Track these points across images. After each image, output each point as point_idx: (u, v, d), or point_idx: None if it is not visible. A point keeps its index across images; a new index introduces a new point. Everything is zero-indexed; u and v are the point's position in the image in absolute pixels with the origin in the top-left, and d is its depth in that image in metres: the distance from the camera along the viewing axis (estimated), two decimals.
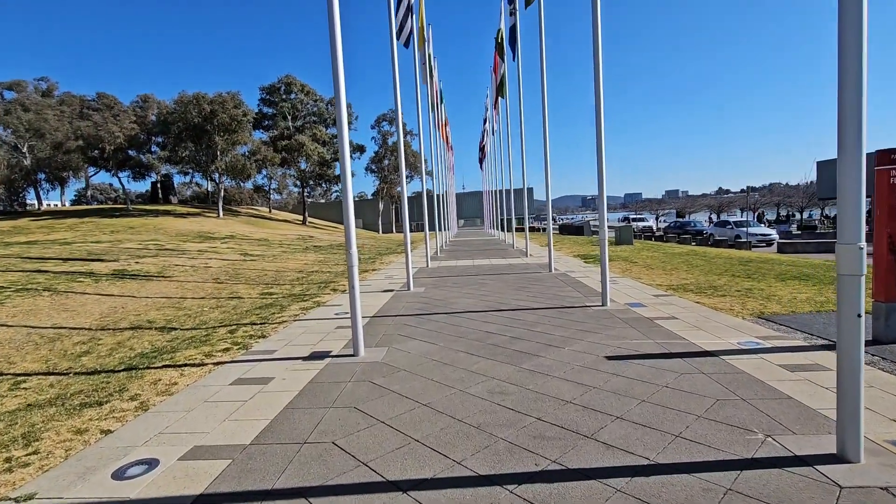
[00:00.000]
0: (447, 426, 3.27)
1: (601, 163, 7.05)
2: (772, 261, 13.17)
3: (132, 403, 3.97)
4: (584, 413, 3.38)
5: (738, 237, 22.77)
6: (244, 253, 18.55)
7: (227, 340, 6.02)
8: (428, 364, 4.69)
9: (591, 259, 14.54)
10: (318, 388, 4.13)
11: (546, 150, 11.51)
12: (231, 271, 13.32)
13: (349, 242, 4.99)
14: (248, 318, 7.45)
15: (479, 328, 6.11)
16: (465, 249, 21.97)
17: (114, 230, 26.36)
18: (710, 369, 4.19)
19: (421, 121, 14.88)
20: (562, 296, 8.35)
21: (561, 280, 10.32)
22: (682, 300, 7.50)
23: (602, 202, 7.23)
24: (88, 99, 42.41)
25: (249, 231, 30.50)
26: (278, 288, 10.80)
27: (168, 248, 18.42)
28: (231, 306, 8.62)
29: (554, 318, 6.56)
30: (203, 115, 32.65)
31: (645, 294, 8.19)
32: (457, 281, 10.86)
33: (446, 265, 14.77)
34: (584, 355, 4.75)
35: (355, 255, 5.01)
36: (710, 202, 62.04)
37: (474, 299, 8.33)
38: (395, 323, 6.66)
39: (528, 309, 7.25)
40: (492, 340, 5.47)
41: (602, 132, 7.02)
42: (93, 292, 9.44)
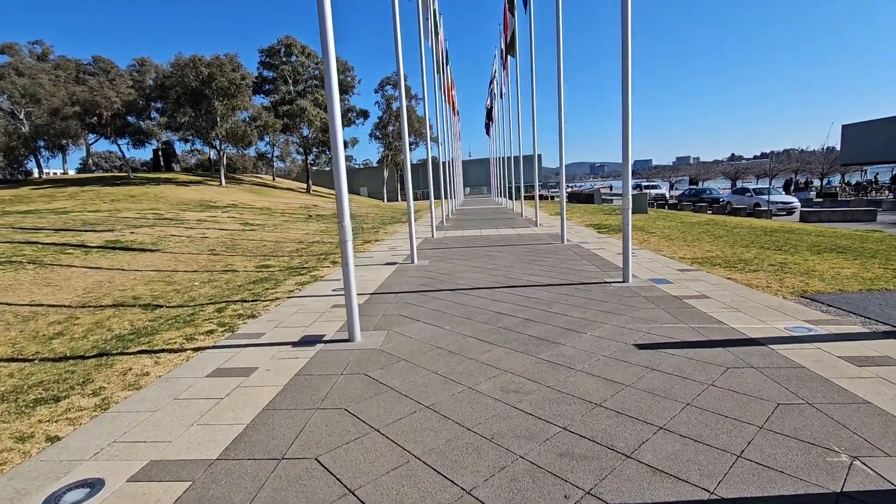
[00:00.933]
0: (454, 437, 2.73)
1: (627, 124, 6.28)
2: (799, 231, 12.40)
3: (93, 400, 3.46)
4: (619, 421, 2.81)
5: (757, 205, 21.79)
6: (244, 222, 17.99)
7: (214, 321, 5.50)
8: (432, 352, 4.13)
9: (605, 229, 13.83)
10: (305, 383, 3.59)
11: (560, 111, 10.64)
12: (228, 242, 12.78)
13: (341, 215, 4.36)
14: (240, 295, 6.93)
15: (489, 308, 5.53)
16: (471, 219, 21.28)
17: (114, 199, 25.87)
18: (761, 362, 3.59)
19: (426, 83, 13.92)
20: (577, 270, 7.73)
21: (574, 252, 9.68)
22: (711, 276, 6.85)
23: (627, 168, 6.50)
24: (84, 63, 41.14)
25: (252, 200, 29.90)
26: (276, 260, 10.26)
27: (166, 218, 17.90)
28: (224, 281, 8.09)
29: (571, 296, 5.96)
30: (201, 78, 31.50)
31: (668, 268, 7.55)
32: (464, 253, 10.25)
33: (452, 235, 14.14)
34: (610, 343, 4.16)
35: (349, 228, 4.39)
36: (726, 169, 59.94)
37: (482, 274, 7.73)
38: (396, 301, 6.09)
39: (542, 285, 6.65)
40: (503, 323, 4.90)
41: (629, 92, 6.22)
42: (80, 265, 8.95)
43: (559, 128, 10.80)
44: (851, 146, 31.03)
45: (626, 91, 6.21)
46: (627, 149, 6.36)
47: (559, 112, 10.70)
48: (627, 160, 6.42)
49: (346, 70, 43.31)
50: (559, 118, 10.72)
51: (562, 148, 10.91)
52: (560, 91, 10.55)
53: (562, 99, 10.58)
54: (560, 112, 10.68)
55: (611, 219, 17.28)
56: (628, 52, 6.15)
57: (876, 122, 29.06)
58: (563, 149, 10.89)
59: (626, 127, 6.28)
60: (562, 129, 10.77)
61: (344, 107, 44.23)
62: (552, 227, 15.14)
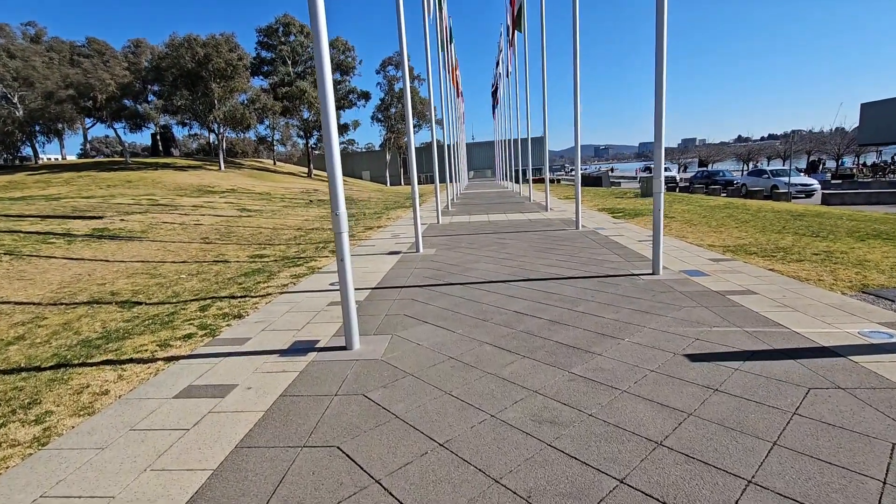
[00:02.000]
0: (479, 496, 2.09)
1: (661, 96, 5.53)
2: (827, 214, 11.63)
3: (33, 430, 2.85)
4: (692, 470, 2.17)
5: (775, 188, 20.90)
6: (242, 208, 17.33)
7: (195, 322, 4.87)
8: (443, 365, 3.49)
9: (620, 214, 13.09)
10: (290, 407, 2.96)
11: (576, 84, 9.83)
12: (223, 229, 12.14)
13: (335, 203, 3.68)
14: (229, 289, 6.29)
15: (506, 306, 4.88)
16: (477, 203, 20.53)
17: (110, 184, 25.26)
18: (848, 381, 2.93)
19: (430, 60, 13.05)
20: (598, 260, 7.04)
21: (592, 239, 8.98)
22: (750, 266, 6.16)
23: (660, 147, 5.75)
24: (78, 45, 40.16)
25: (251, 184, 29.20)
26: (271, 249, 9.62)
27: (161, 204, 17.26)
28: (213, 273, 7.46)
29: (597, 291, 5.29)
30: (196, 59, 30.52)
31: (700, 258, 6.85)
32: (472, 241, 9.57)
33: (459, 221, 13.44)
34: (656, 352, 3.50)
35: (344, 218, 3.71)
36: (738, 150, 58.30)
37: (495, 264, 7.06)
38: (400, 298, 5.44)
39: (562, 278, 5.98)
40: (524, 325, 4.24)
41: (664, 61, 5.46)
42: (61, 256, 8.33)
43: (574, 105, 9.99)
44: (871, 125, 29.89)
45: (661, 65, 5.44)
46: (661, 125, 5.62)
47: (575, 87, 9.89)
48: (661, 136, 5.68)
49: (346, 50, 42.10)
50: (575, 93, 9.92)
51: (577, 125, 10.12)
52: (576, 62, 9.72)
53: (577, 71, 9.75)
54: (576, 86, 9.86)
55: (624, 202, 16.51)
56: (664, 22, 5.36)
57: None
58: (578, 126, 10.10)
59: (659, 104, 5.53)
60: (577, 105, 9.97)
61: (345, 88, 43.14)
62: (563, 212, 14.41)
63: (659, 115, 5.59)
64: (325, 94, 3.53)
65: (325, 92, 3.54)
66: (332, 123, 3.60)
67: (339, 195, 3.66)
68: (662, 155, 5.80)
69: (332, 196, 3.66)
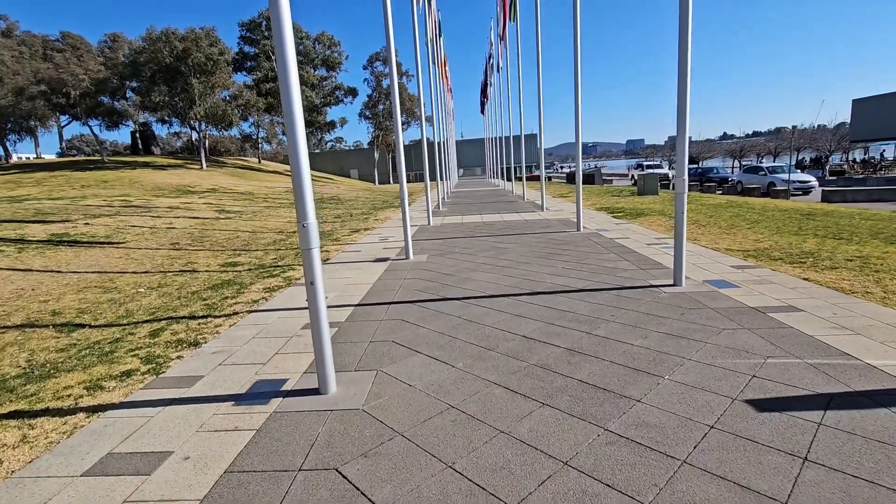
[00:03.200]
0: None
1: (685, 91, 4.82)
2: (835, 213, 11.09)
3: None
4: None
5: (772, 185, 20.45)
6: (221, 209, 16.38)
7: (141, 352, 4.06)
8: (441, 419, 2.73)
9: (620, 213, 12.44)
10: (236, 494, 2.19)
11: (577, 72, 9.12)
12: (196, 234, 11.24)
13: (303, 212, 2.90)
14: (190, 307, 5.47)
15: (513, 328, 4.14)
16: (469, 202, 19.80)
17: (84, 185, 24.08)
18: None
19: (419, 55, 12.26)
20: (608, 268, 6.34)
21: (596, 243, 8.28)
22: (780, 275, 5.49)
23: (683, 142, 5.04)
24: (52, 39, 38.67)
25: (234, 184, 28.16)
26: (247, 256, 8.78)
27: (134, 206, 16.25)
28: (177, 285, 6.62)
29: (615, 307, 4.58)
30: (175, 54, 29.30)
31: (720, 264, 6.18)
32: (467, 245, 8.82)
33: (451, 222, 12.68)
34: (708, 397, 2.78)
35: (314, 230, 2.93)
36: (730, 147, 58.18)
37: (494, 273, 6.33)
38: (388, 318, 4.67)
39: (573, 291, 5.26)
40: (538, 356, 3.51)
41: (688, 55, 4.76)
42: (6, 266, 7.42)
43: (575, 98, 9.29)
44: (863, 121, 29.71)
45: (686, 58, 4.74)
46: (685, 120, 4.91)
47: (575, 79, 9.18)
48: (685, 132, 4.97)
49: (332, 45, 41.06)
50: (575, 86, 9.21)
51: (577, 119, 9.42)
52: (576, 51, 9.01)
53: (578, 60, 9.04)
54: (576, 77, 9.15)
55: (623, 201, 15.88)
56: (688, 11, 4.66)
57: (891, 96, 27.70)
58: (578, 119, 9.40)
59: (683, 99, 4.83)
60: (578, 98, 9.27)
61: (331, 84, 42.09)
62: (560, 212, 13.74)
63: (682, 111, 4.89)
64: (288, 79, 2.75)
65: (287, 76, 2.76)
66: (297, 113, 2.82)
67: (306, 202, 2.88)
68: (686, 152, 5.09)
69: (299, 203, 2.88)
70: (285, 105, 2.80)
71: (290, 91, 2.77)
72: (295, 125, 2.80)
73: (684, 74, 4.82)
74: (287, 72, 2.76)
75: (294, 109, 2.80)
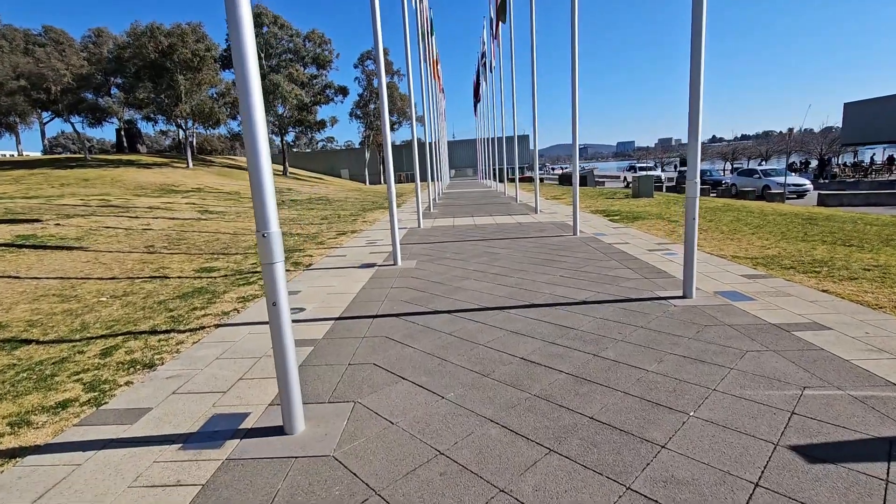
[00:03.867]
0: None
1: (698, 87, 4.41)
2: (836, 218, 10.80)
3: None
4: None
5: (766, 188, 20.24)
6: (203, 210, 15.78)
7: (86, 376, 3.55)
8: (428, 470, 2.26)
9: (617, 216, 12.06)
10: None
11: (575, 72, 8.71)
12: (174, 236, 10.66)
13: (264, 220, 2.42)
14: (154, 319, 4.95)
15: (509, 348, 3.68)
16: (461, 204, 19.36)
17: (64, 183, 23.32)
18: None
19: (409, 53, 11.78)
20: (610, 276, 5.91)
21: (594, 248, 7.87)
22: (796, 286, 5.10)
23: (695, 141, 4.63)
24: (34, 33, 37.59)
25: (220, 183, 27.48)
26: (224, 260, 8.24)
27: (113, 205, 15.61)
28: (144, 294, 6.08)
29: (622, 323, 4.14)
30: (160, 49, 28.55)
31: (729, 273, 5.78)
32: (458, 249, 8.36)
33: (442, 225, 12.22)
34: (746, 441, 2.35)
35: (278, 240, 2.45)
36: (722, 149, 58.28)
37: (488, 282, 5.87)
38: (371, 334, 4.19)
39: (574, 303, 4.82)
40: (540, 385, 3.05)
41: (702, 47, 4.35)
42: None
43: (573, 97, 8.88)
44: (854, 125, 29.74)
45: (699, 55, 4.33)
46: (697, 119, 4.50)
47: (573, 76, 8.76)
48: (697, 131, 4.56)
49: (322, 43, 40.42)
50: (573, 84, 8.79)
51: (575, 119, 9.01)
52: (574, 48, 8.59)
53: (575, 57, 8.63)
54: (574, 76, 8.74)
55: (618, 204, 15.52)
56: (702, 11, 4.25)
57: (883, 100, 27.73)
58: (576, 118, 8.99)
59: (696, 94, 4.41)
60: (575, 96, 8.86)
61: (321, 83, 41.45)
62: (554, 214, 13.33)
63: (695, 111, 4.47)
64: (243, 46, 2.28)
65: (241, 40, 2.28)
66: (256, 102, 2.35)
67: (267, 205, 2.40)
68: (699, 154, 4.68)
69: (258, 208, 2.41)
70: (240, 84, 2.32)
71: (245, 62, 2.29)
72: (252, 108, 2.32)
73: (697, 74, 4.41)
74: (241, 35, 2.27)
75: (250, 86, 2.32)
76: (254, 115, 2.33)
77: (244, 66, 2.28)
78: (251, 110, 2.32)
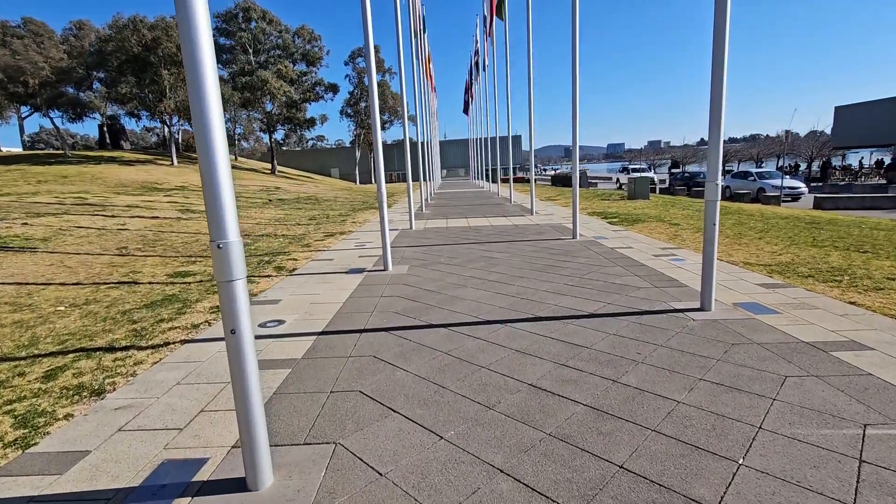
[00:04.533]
0: None
1: (721, 75, 3.99)
2: (839, 222, 10.53)
3: None
4: None
5: (762, 190, 20.07)
6: (185, 209, 15.12)
7: (19, 407, 3.02)
8: None
9: (615, 219, 11.68)
10: None
11: (576, 71, 8.29)
12: (150, 237, 10.06)
13: (219, 228, 1.93)
14: (114, 333, 4.41)
15: (516, 373, 3.23)
16: (454, 204, 18.90)
17: (41, 180, 22.47)
18: None
19: (402, 50, 11.28)
20: (617, 284, 5.49)
21: (596, 252, 7.45)
22: (819, 296, 4.71)
23: (718, 140, 4.21)
24: (12, 25, 36.39)
25: None
26: (202, 264, 7.69)
27: (90, 203, 14.91)
28: (108, 302, 5.53)
29: (640, 341, 3.70)
30: (143, 43, 27.68)
31: (744, 282, 5.39)
32: (452, 253, 7.90)
33: (434, 227, 11.75)
34: (815, 503, 1.91)
35: (237, 252, 1.96)
36: None
37: (486, 290, 5.42)
38: (357, 353, 3.71)
39: (583, 316, 4.37)
40: (555, 421, 2.60)
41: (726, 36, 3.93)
42: None
43: (573, 95, 8.46)
44: (844, 128, 29.82)
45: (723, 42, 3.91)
46: (720, 116, 4.08)
47: (573, 78, 8.34)
48: (719, 129, 4.14)
49: (312, 39, 39.72)
50: (573, 85, 8.37)
51: (576, 119, 8.59)
52: (575, 43, 8.17)
53: (576, 52, 8.21)
54: (574, 73, 8.32)
55: (615, 206, 15.17)
56: None
57: (873, 104, 27.81)
58: (576, 119, 8.58)
59: (718, 87, 4.00)
60: (576, 97, 8.44)
61: (311, 80, 40.72)
62: (551, 216, 12.92)
63: (717, 107, 4.06)
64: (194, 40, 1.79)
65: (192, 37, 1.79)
66: (207, 73, 1.86)
67: (224, 210, 1.92)
68: (720, 153, 4.26)
69: (213, 212, 1.92)
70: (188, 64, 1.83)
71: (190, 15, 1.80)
72: (201, 82, 1.84)
73: (720, 67, 3.99)
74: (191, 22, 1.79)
75: (200, 56, 1.83)
76: (203, 88, 1.84)
77: (189, 19, 1.80)
78: (201, 84, 1.84)
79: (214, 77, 1.89)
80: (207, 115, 1.86)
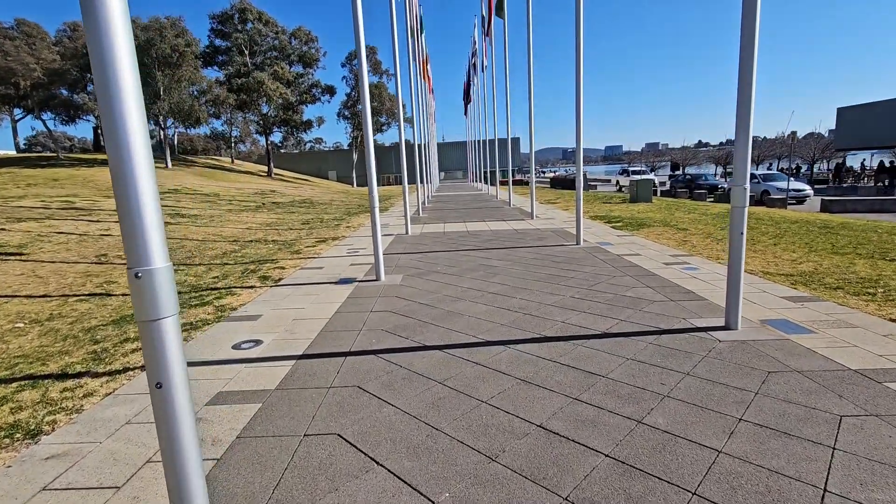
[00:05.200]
0: None
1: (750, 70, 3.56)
2: (852, 226, 10.10)
3: None
4: None
5: (766, 192, 19.66)
6: (175, 213, 14.66)
7: None
8: None
9: (619, 223, 11.24)
10: None
11: (579, 70, 7.85)
12: None
13: (142, 252, 1.46)
14: (69, 357, 3.94)
15: (522, 410, 2.77)
16: (452, 208, 18.45)
17: (31, 183, 22.02)
18: None
19: (398, 51, 10.84)
20: (629, 297, 5.04)
21: (603, 260, 7.01)
22: (855, 312, 4.27)
23: (746, 142, 3.76)
24: (5, 26, 35.97)
25: (200, 184, 26.26)
26: (184, 273, 7.22)
27: (76, 207, 14.43)
28: (73, 317, 5.06)
29: (662, 368, 3.25)
30: (137, 44, 27.20)
31: (769, 295, 4.94)
32: (450, 261, 7.44)
33: (431, 232, 11.29)
34: None
35: (166, 281, 1.50)
36: (715, 153, 58.19)
37: (486, 305, 4.96)
38: (338, 385, 3.24)
39: (594, 336, 3.92)
40: (572, 479, 2.14)
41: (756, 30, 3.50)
42: None
43: (577, 96, 8.02)
44: (848, 130, 29.47)
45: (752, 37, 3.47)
46: (749, 115, 3.64)
47: (577, 74, 7.91)
48: (748, 129, 3.70)
49: (309, 41, 39.34)
50: (577, 85, 7.94)
51: (579, 120, 8.15)
52: (579, 43, 7.74)
53: (581, 57, 7.78)
54: (579, 71, 7.88)
55: (617, 209, 14.73)
56: None
57: (877, 105, 27.48)
58: (580, 120, 8.14)
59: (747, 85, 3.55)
60: (580, 97, 8.00)
61: (308, 82, 40.33)
62: (552, 220, 12.48)
63: (746, 105, 3.62)
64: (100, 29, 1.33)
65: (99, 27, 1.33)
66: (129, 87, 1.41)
67: (145, 228, 1.46)
68: (749, 155, 3.82)
69: (130, 234, 1.46)
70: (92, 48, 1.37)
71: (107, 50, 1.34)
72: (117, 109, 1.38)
73: (748, 68, 3.55)
74: None
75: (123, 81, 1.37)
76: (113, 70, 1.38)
77: None
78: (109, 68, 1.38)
79: (130, 52, 1.43)
80: (118, 111, 1.40)
